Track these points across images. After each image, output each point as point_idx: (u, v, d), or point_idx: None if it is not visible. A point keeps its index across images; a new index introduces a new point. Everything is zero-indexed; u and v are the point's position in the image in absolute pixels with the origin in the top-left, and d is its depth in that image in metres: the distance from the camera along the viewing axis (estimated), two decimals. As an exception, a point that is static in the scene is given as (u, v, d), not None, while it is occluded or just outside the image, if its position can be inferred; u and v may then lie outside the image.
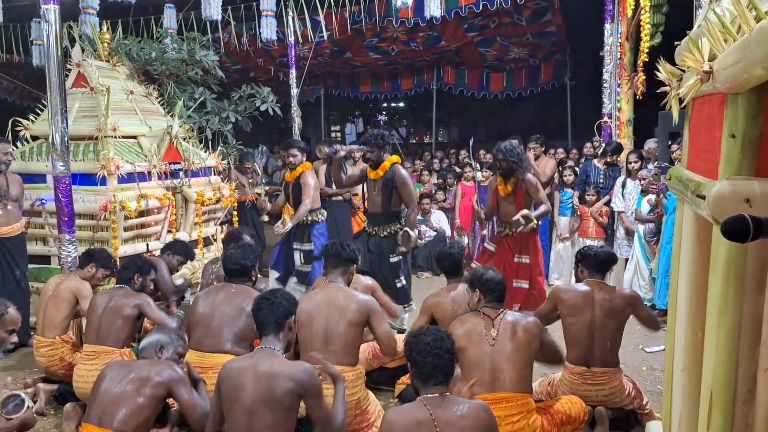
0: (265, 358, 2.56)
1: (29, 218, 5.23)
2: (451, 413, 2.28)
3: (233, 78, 10.64)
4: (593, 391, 3.38)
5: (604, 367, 3.40)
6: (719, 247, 1.60)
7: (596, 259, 3.59)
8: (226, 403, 2.55)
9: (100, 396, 2.72)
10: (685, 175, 2.03)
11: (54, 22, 4.50)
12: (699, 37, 1.73)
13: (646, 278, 5.64)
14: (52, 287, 4.10)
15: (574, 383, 3.41)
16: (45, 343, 3.99)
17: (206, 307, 3.49)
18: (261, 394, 2.46)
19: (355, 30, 9.52)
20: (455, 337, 2.93)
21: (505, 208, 4.96)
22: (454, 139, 19.84)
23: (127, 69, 6.21)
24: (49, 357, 3.97)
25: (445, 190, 7.91)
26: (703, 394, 1.70)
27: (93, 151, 5.27)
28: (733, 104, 1.54)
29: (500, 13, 9.23)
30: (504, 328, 2.96)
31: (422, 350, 2.36)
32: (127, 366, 2.87)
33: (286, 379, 2.49)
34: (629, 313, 3.49)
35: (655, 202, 5.46)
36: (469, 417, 2.29)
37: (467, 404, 2.36)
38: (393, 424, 2.30)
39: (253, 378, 2.49)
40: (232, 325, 3.43)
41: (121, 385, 2.72)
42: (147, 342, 2.99)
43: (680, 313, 2.17)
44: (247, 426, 2.47)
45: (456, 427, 2.25)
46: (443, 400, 2.32)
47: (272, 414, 2.46)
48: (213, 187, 6.09)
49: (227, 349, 3.37)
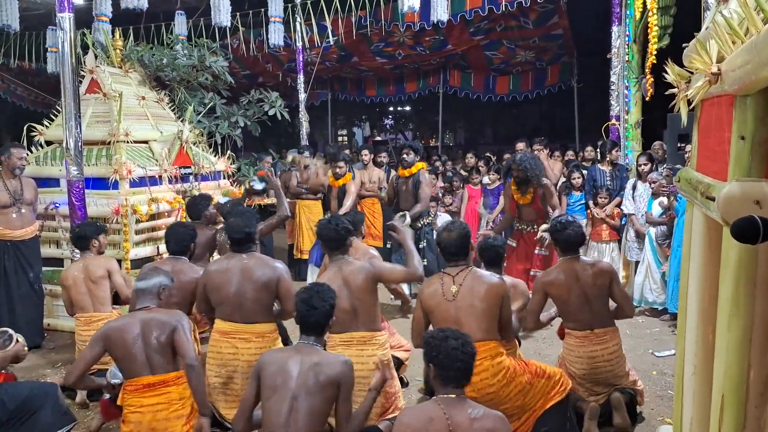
0: (309, 350, 2.67)
1: (43, 221, 5.29)
2: (465, 415, 2.29)
3: (242, 83, 10.70)
4: (599, 350, 3.54)
5: (603, 327, 3.57)
6: (729, 249, 1.59)
7: (569, 241, 3.70)
8: (267, 390, 2.60)
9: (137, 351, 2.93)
10: (694, 177, 2.03)
11: (69, 30, 4.56)
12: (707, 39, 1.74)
13: (658, 281, 5.62)
14: (79, 271, 4.18)
15: (581, 347, 3.56)
16: (102, 317, 4.09)
17: (227, 283, 3.54)
18: (305, 382, 2.56)
19: (361, 35, 9.57)
20: (423, 300, 3.16)
21: (526, 212, 5.57)
22: (460, 143, 19.85)
23: (139, 75, 6.28)
24: None
25: (452, 194, 7.91)
26: (715, 397, 1.69)
27: (105, 156, 5.34)
28: (741, 106, 1.54)
29: (506, 16, 9.25)
30: (465, 283, 3.12)
31: (449, 354, 2.35)
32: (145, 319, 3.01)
33: (329, 368, 2.59)
34: (607, 280, 3.61)
35: (667, 204, 5.44)
36: (483, 420, 2.30)
37: (483, 409, 2.35)
38: (406, 423, 2.33)
39: (299, 366, 2.60)
40: (259, 300, 3.54)
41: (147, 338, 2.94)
42: (147, 284, 3.09)
43: (691, 316, 2.17)
44: (289, 412, 2.54)
45: (468, 428, 2.26)
46: (458, 401, 2.33)
47: (313, 402, 2.55)
48: (222, 191, 6.14)
49: (259, 320, 3.53)
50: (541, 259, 5.46)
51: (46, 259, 5.27)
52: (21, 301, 4.91)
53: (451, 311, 3.09)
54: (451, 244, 3.23)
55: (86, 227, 4.39)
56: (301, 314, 2.75)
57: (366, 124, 20.70)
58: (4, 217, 4.83)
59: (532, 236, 5.50)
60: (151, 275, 3.18)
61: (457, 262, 3.23)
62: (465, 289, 3.11)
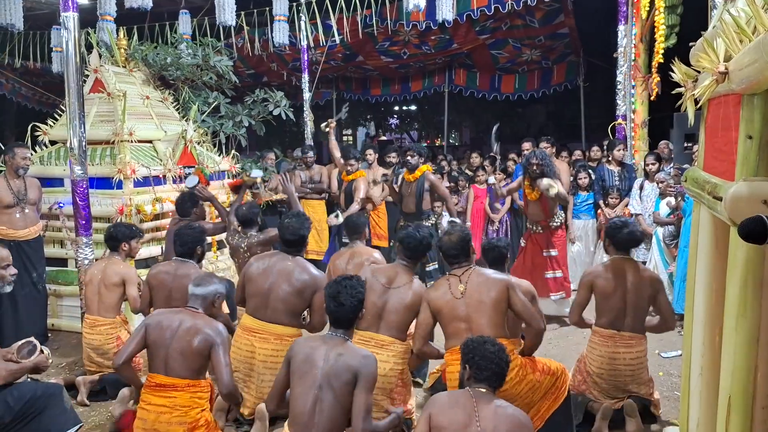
0: (336, 341, 2.74)
1: (47, 221, 5.31)
2: (492, 405, 2.44)
3: (247, 82, 10.71)
4: (621, 353, 3.58)
5: (632, 332, 3.61)
6: (737, 249, 1.58)
7: (626, 238, 3.75)
8: (295, 377, 2.69)
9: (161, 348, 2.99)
10: (701, 176, 2.01)
11: (73, 29, 4.56)
12: (714, 38, 1.72)
13: (665, 282, 5.59)
14: (98, 271, 4.18)
15: (604, 345, 3.61)
16: (104, 323, 4.12)
17: (263, 278, 3.60)
18: (329, 373, 2.62)
19: (366, 34, 9.54)
20: (431, 302, 3.22)
21: (533, 209, 5.65)
22: (466, 142, 19.80)
23: (143, 74, 6.28)
24: (107, 335, 4.11)
25: (458, 193, 7.89)
26: (721, 398, 1.68)
27: (110, 155, 5.35)
28: (749, 105, 1.53)
29: (512, 15, 9.21)
30: (471, 282, 3.18)
31: (486, 356, 2.51)
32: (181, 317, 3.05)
33: (351, 358, 2.66)
34: (653, 291, 3.64)
35: (675, 204, 5.41)
36: (508, 413, 2.43)
37: (509, 407, 2.49)
38: (436, 399, 2.54)
39: (325, 357, 2.66)
40: (288, 302, 3.56)
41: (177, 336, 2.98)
42: (204, 291, 3.11)
43: (697, 316, 2.16)
44: (314, 402, 2.61)
45: (494, 415, 2.39)
46: (488, 395, 2.48)
47: (336, 392, 2.61)
48: (226, 191, 6.14)
49: (283, 322, 3.56)
50: (553, 260, 5.56)
51: (49, 259, 5.29)
52: (24, 301, 4.91)
53: (461, 309, 3.14)
54: (452, 247, 3.29)
55: (120, 228, 4.34)
56: (329, 309, 2.82)
57: (371, 124, 20.69)
58: (7, 217, 4.83)
59: (537, 237, 5.61)
60: (208, 282, 3.19)
61: (460, 264, 3.28)
62: (471, 286, 3.17)
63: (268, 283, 3.58)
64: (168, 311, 3.16)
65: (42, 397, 3.06)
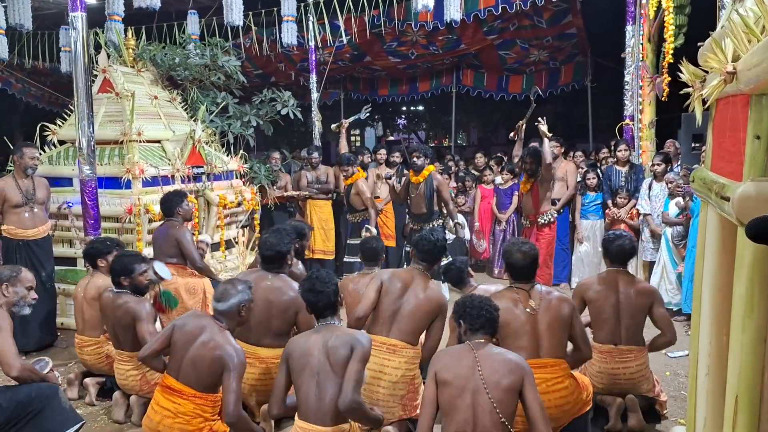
0: (328, 328, 2.85)
1: (56, 221, 5.34)
2: (491, 352, 2.57)
3: (255, 83, 10.74)
4: (621, 369, 3.55)
5: (629, 345, 3.57)
6: (744, 249, 1.58)
7: (619, 252, 3.73)
8: (296, 372, 2.78)
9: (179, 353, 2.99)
10: (709, 176, 2.01)
11: (81, 29, 4.60)
12: (722, 38, 1.72)
13: (673, 282, 5.57)
14: (82, 288, 4.13)
15: (603, 361, 3.57)
16: (89, 342, 4.08)
17: None
18: (326, 357, 2.72)
19: (374, 34, 9.56)
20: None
21: (525, 202, 6.01)
22: (473, 142, 19.77)
23: (152, 74, 6.32)
24: (95, 355, 4.07)
25: (465, 194, 7.89)
26: (728, 399, 1.67)
27: (118, 155, 5.38)
28: (757, 105, 1.52)
29: (520, 15, 9.20)
30: (541, 299, 3.13)
31: (475, 306, 2.64)
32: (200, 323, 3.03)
33: (345, 335, 2.78)
34: (649, 301, 3.61)
35: (684, 204, 5.39)
36: (507, 357, 2.56)
37: (508, 353, 2.62)
38: (439, 357, 2.66)
39: (320, 344, 2.76)
40: (271, 324, 3.51)
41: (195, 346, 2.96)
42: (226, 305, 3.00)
43: (704, 316, 2.15)
44: (316, 388, 2.70)
45: (493, 361, 2.52)
46: (485, 344, 2.61)
47: (336, 370, 2.70)
48: (235, 191, 6.16)
49: (268, 344, 3.52)
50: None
51: (59, 259, 5.31)
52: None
53: (529, 326, 3.06)
54: (525, 266, 3.18)
55: (94, 245, 4.19)
56: (310, 303, 2.90)
57: (379, 124, 20.71)
58: (16, 216, 4.87)
59: (527, 232, 6.07)
60: (230, 293, 3.01)
61: (528, 280, 3.20)
62: (544, 304, 3.11)
63: (254, 317, 3.42)
64: (195, 318, 3.08)
65: (37, 398, 3.01)
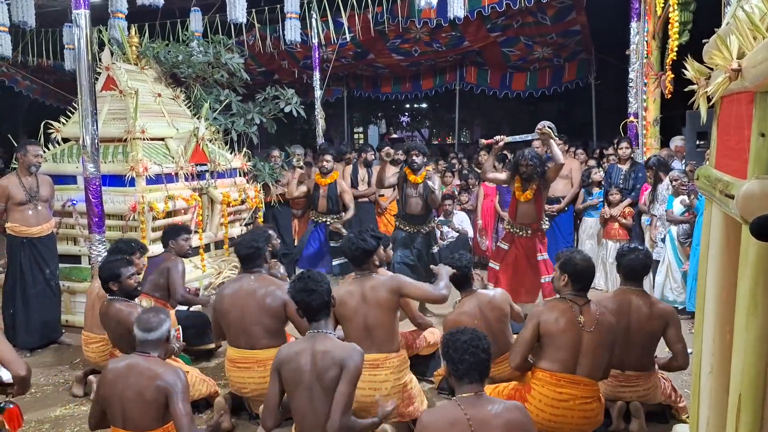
0: (321, 339, 2.70)
1: (60, 219, 5.35)
2: (485, 412, 2.28)
3: (258, 80, 10.75)
4: (628, 393, 3.46)
5: (637, 371, 3.44)
6: (748, 247, 1.57)
7: (629, 268, 3.51)
8: (290, 385, 2.68)
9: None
10: (713, 174, 2.00)
11: (84, 27, 4.60)
12: (727, 35, 1.71)
13: (678, 280, 5.54)
14: (98, 286, 4.03)
15: (609, 385, 3.46)
16: (95, 340, 4.10)
17: (233, 307, 3.54)
18: (318, 373, 2.60)
19: (377, 31, 9.55)
20: (543, 321, 3.08)
21: (524, 210, 5.16)
22: (477, 140, 19.72)
23: (155, 72, 6.32)
24: (100, 353, 4.09)
25: (468, 191, 7.88)
26: (732, 397, 1.67)
27: (122, 153, 5.39)
28: (762, 102, 1.51)
29: (524, 12, 9.18)
30: (592, 316, 3.08)
31: (459, 348, 2.35)
32: None
33: (336, 351, 2.63)
34: (663, 323, 3.43)
35: (689, 202, 5.37)
36: (504, 416, 2.28)
37: (502, 404, 2.36)
38: (427, 426, 2.31)
39: (311, 357, 2.63)
40: (262, 324, 3.51)
41: None
42: (155, 336, 2.81)
43: (708, 314, 2.14)
44: (309, 403, 2.62)
45: (491, 425, 2.25)
46: (478, 399, 2.33)
47: (326, 389, 2.59)
48: (238, 189, 6.17)
49: (265, 345, 3.49)
50: (547, 264, 5.17)
51: (63, 256, 5.33)
52: (36, 298, 4.94)
53: (574, 341, 3.04)
54: (586, 277, 3.18)
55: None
56: (302, 303, 2.73)
57: (382, 122, 20.69)
58: (20, 214, 4.87)
59: (524, 242, 5.17)
60: (154, 322, 2.83)
61: (584, 293, 3.18)
62: (596, 324, 3.08)
63: (238, 311, 3.50)
64: (123, 358, 2.87)
65: None
